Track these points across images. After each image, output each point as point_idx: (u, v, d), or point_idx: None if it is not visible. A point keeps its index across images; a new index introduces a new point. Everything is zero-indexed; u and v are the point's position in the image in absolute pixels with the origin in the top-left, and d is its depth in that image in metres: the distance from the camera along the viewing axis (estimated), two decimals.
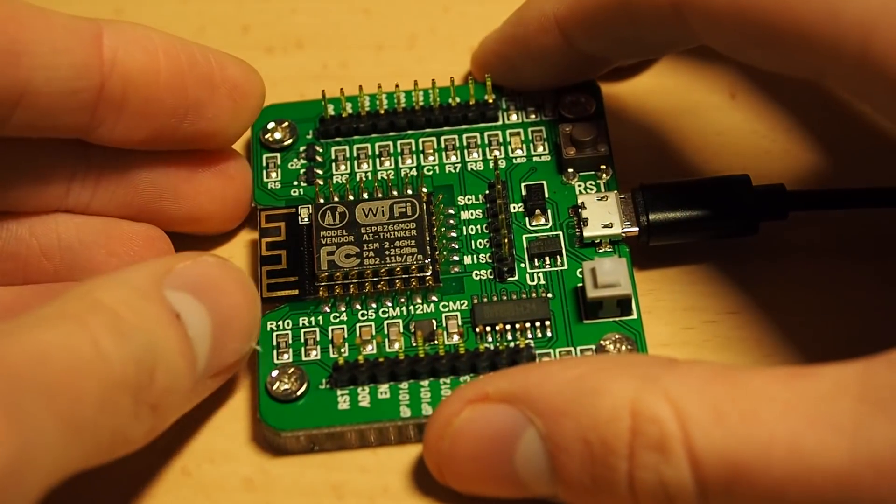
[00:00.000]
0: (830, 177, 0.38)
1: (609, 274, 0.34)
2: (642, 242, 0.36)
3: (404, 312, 0.35)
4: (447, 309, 0.35)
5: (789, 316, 0.35)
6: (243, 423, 0.35)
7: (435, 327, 0.35)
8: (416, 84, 0.38)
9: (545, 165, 0.37)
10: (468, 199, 0.37)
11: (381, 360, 0.34)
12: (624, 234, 0.35)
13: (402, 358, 0.34)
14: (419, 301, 0.35)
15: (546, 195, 0.37)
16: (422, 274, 0.35)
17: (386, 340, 0.35)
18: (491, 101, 0.38)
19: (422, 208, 0.36)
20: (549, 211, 0.36)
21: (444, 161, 0.38)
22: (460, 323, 0.35)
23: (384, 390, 0.34)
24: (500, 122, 0.38)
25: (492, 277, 0.35)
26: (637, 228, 0.35)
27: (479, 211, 0.37)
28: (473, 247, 0.36)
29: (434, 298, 0.35)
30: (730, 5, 0.31)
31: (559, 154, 0.37)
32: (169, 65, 0.34)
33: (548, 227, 0.36)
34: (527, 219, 0.36)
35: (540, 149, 0.38)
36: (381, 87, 0.38)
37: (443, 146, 0.38)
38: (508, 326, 0.34)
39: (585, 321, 0.34)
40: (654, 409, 0.29)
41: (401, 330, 0.35)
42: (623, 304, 0.34)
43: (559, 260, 0.36)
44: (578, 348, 0.34)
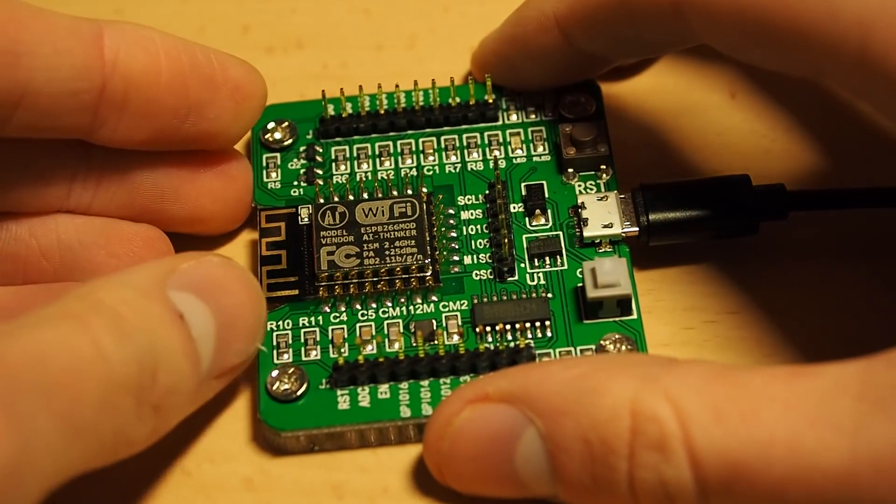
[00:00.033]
0: (830, 177, 0.38)
1: (609, 274, 0.34)
2: (642, 242, 0.36)
3: (404, 312, 0.35)
4: (447, 309, 0.35)
5: (789, 316, 0.35)
6: (243, 423, 0.35)
7: (435, 327, 0.35)
8: (416, 84, 0.38)
9: (545, 165, 0.37)
10: (468, 199, 0.37)
11: (381, 360, 0.34)
12: (624, 234, 0.35)
13: (402, 358, 0.34)
14: (419, 301, 0.35)
15: (546, 195, 0.37)
16: (422, 274, 0.35)
17: (386, 340, 0.35)
18: (491, 101, 0.38)
19: (422, 208, 0.36)
20: (549, 211, 0.36)
21: (444, 161, 0.38)
22: (460, 323, 0.35)
23: (384, 390, 0.34)
24: (500, 122, 0.38)
25: (492, 277, 0.35)
26: (637, 228, 0.35)
27: (479, 211, 0.37)
28: (473, 247, 0.36)
29: (434, 298, 0.35)
30: (729, 4, 0.31)
31: (559, 154, 0.37)
32: (170, 65, 0.34)
33: (548, 227, 0.36)
34: (527, 219, 0.36)
35: (540, 149, 0.38)
36: (381, 87, 0.38)
37: (443, 146, 0.38)
38: (508, 326, 0.34)
39: (585, 321, 0.34)
40: (654, 409, 0.29)
41: (401, 330, 0.35)
42: (623, 304, 0.34)
43: (559, 260, 0.36)
44: (578, 348, 0.34)
